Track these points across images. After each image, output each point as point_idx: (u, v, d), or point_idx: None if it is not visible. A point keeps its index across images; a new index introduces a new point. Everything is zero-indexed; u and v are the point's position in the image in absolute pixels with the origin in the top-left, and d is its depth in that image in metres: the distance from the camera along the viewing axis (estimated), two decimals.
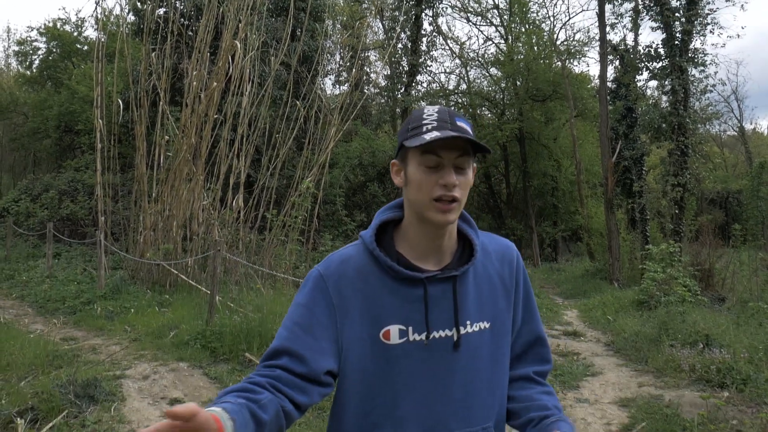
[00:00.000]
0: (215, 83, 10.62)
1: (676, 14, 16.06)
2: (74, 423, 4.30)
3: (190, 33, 14.23)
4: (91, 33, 25.54)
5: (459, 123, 1.28)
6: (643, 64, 17.47)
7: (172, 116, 11.46)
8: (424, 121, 1.28)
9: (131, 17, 15.92)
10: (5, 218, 15.47)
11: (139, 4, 15.68)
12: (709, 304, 10.70)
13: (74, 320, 8.08)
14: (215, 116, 10.95)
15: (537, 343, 1.48)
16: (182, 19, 13.27)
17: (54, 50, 24.53)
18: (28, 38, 25.17)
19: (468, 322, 1.32)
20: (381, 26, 24.40)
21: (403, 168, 1.33)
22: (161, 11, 12.87)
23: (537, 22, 25.07)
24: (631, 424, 4.80)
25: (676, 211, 16.03)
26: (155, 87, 11.34)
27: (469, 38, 53.76)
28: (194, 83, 10.74)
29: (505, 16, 25.47)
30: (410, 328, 1.29)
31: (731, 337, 6.81)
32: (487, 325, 1.35)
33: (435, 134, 1.23)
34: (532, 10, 24.97)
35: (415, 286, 1.30)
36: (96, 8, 17.62)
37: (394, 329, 1.28)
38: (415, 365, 1.29)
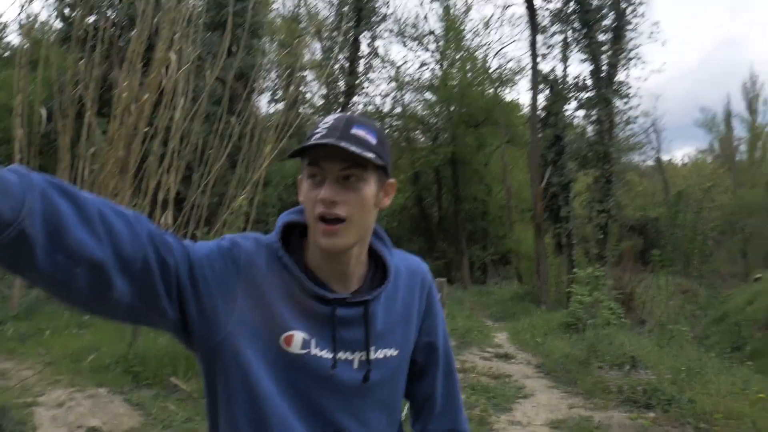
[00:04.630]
0: (147, 95, 10.28)
1: (603, 47, 16.87)
2: None
3: (122, 44, 13.78)
4: (13, 39, 24.35)
5: (355, 131, 1.09)
6: (571, 94, 18.21)
7: (100, 128, 11.00)
8: (317, 130, 1.10)
9: (58, 24, 15.29)
10: None
11: (67, 10, 15.07)
12: (632, 326, 11.12)
13: None
14: (145, 129, 10.59)
15: (450, 380, 1.37)
16: (114, 29, 12.82)
17: None
18: None
19: (373, 348, 1.18)
20: (319, 46, 24.46)
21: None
22: (91, 19, 12.38)
23: (471, 49, 25.77)
24: None
25: (601, 236, 16.67)
26: (81, 97, 10.87)
27: (406, 62, 54.62)
28: (124, 94, 10.36)
29: (441, 43, 26.05)
30: (313, 341, 1.12)
31: (655, 359, 7.07)
32: (395, 353, 1.21)
33: (312, 142, 1.07)
34: (466, 38, 25.68)
35: (323, 303, 1.14)
36: (20, 13, 16.91)
37: (298, 336, 1.11)
38: (316, 382, 1.13)
